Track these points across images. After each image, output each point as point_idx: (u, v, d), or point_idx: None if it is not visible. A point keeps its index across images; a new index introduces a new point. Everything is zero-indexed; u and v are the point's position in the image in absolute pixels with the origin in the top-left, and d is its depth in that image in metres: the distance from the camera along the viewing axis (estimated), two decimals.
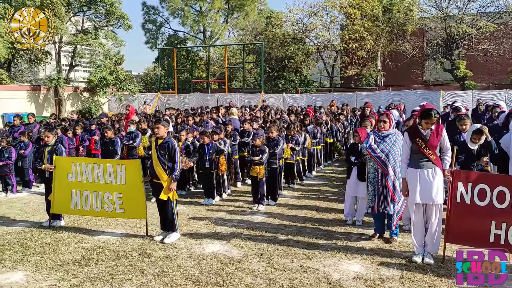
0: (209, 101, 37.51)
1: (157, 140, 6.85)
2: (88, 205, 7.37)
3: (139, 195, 7.05)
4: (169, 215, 6.83)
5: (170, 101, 39.38)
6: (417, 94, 31.77)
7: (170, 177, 6.73)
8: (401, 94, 32.07)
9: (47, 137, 7.73)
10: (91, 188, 7.34)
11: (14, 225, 7.86)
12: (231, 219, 8.06)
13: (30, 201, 9.76)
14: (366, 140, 6.62)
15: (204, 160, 9.14)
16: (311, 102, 32.25)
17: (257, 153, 8.63)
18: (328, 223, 7.71)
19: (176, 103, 38.69)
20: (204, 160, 9.14)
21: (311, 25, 37.97)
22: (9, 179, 10.22)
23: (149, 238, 6.94)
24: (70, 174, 7.46)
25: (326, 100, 32.92)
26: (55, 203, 7.57)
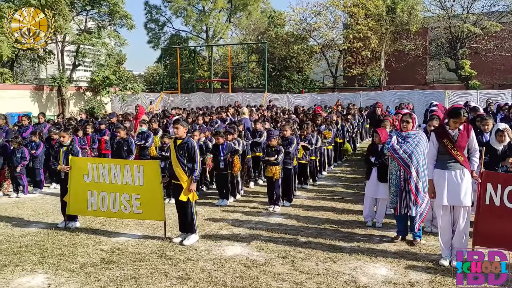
0: (213, 100, 37.44)
1: (176, 141, 6.75)
2: (105, 206, 7.28)
3: (157, 196, 6.96)
4: (188, 216, 6.74)
5: (173, 100, 39.33)
6: (421, 93, 31.72)
7: (189, 177, 6.63)
8: (406, 94, 32.02)
9: (62, 137, 7.63)
10: (108, 189, 7.24)
11: (29, 226, 7.76)
12: (248, 221, 7.96)
13: (42, 202, 9.67)
14: (388, 141, 6.52)
15: (218, 160, 9.04)
16: (315, 102, 32.18)
17: (272, 154, 8.53)
18: (348, 224, 7.61)
19: (179, 102, 38.63)
20: (218, 161, 9.05)
21: (315, 24, 37.82)
22: (21, 180, 10.12)
23: (168, 240, 6.84)
24: (86, 174, 7.37)
25: (330, 99, 32.89)
26: (71, 204, 7.47)
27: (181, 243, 6.69)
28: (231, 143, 9.22)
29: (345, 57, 36.63)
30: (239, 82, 47.75)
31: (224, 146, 9.04)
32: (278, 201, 8.68)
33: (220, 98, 37.47)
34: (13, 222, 8.04)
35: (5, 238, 7.08)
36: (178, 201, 6.76)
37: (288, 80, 41.47)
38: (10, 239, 7.00)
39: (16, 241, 6.89)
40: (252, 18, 46.42)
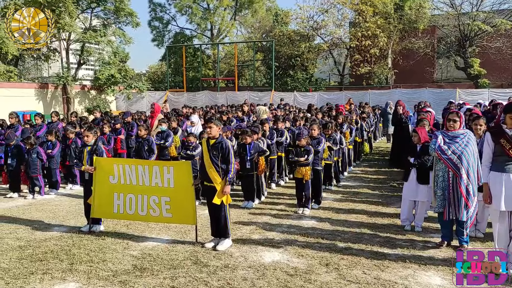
0: (219, 99, 37.12)
1: (209, 140, 6.42)
2: (133, 209, 6.94)
3: (188, 199, 6.62)
4: (221, 220, 6.41)
5: (179, 99, 39.00)
6: (431, 92, 31.35)
7: (224, 179, 6.30)
8: (416, 93, 31.66)
9: (86, 136, 7.30)
10: (136, 191, 6.91)
11: (50, 230, 7.43)
12: (279, 224, 7.63)
13: (60, 203, 9.33)
14: (433, 141, 6.17)
15: (245, 161, 8.70)
16: (323, 100, 31.84)
17: (302, 154, 8.18)
18: (385, 228, 7.28)
19: (185, 101, 38.29)
20: (244, 161, 8.71)
21: (322, 22, 37.45)
22: (37, 180, 9.78)
23: (200, 245, 6.50)
24: (112, 176, 7.03)
25: (338, 98, 32.50)
26: (96, 207, 7.14)
27: (214, 248, 6.36)
28: (258, 142, 8.88)
29: (353, 55, 36.23)
30: (243, 81, 47.42)
31: (251, 146, 8.71)
32: (308, 203, 8.34)
33: (226, 97, 37.13)
34: (33, 225, 7.71)
35: (27, 242, 6.74)
36: (210, 204, 6.43)
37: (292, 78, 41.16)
38: (33, 244, 6.67)
39: (40, 246, 6.56)
40: (258, 16, 46.02)
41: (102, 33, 35.17)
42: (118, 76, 35.53)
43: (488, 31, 33.13)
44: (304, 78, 41.12)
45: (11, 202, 9.43)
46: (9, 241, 6.83)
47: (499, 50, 35.11)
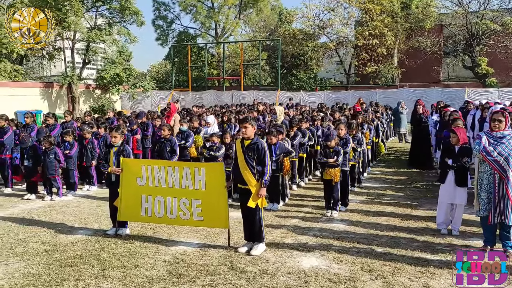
0: (224, 98, 36.94)
1: (243, 141, 6.19)
2: (161, 212, 6.72)
3: (221, 202, 6.40)
4: (256, 224, 6.18)
5: (184, 98, 38.82)
6: (440, 91, 31.18)
7: (259, 182, 6.08)
8: (424, 92, 31.47)
9: (114, 137, 7.07)
10: (165, 193, 6.68)
11: (75, 233, 7.21)
12: (310, 227, 7.41)
13: (80, 205, 9.11)
14: (477, 142, 5.95)
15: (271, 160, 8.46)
16: (329, 100, 31.71)
17: (331, 155, 7.96)
18: (420, 232, 7.06)
19: (191, 100, 38.16)
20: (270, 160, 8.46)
21: (329, 21, 37.21)
22: (55, 181, 9.56)
23: (233, 250, 6.28)
24: (140, 177, 6.81)
25: (345, 97, 32.33)
26: (123, 210, 6.92)
27: (248, 253, 6.15)
28: (284, 143, 8.66)
29: (360, 54, 35.99)
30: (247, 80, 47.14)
31: (277, 146, 8.48)
32: (336, 205, 8.13)
33: (232, 96, 36.94)
34: (56, 228, 7.49)
35: (54, 246, 6.52)
36: (245, 208, 6.20)
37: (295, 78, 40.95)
38: (60, 248, 6.44)
39: (67, 250, 6.34)
40: (262, 14, 45.79)
41: (107, 32, 34.95)
42: (124, 75, 35.31)
43: (496, 30, 32.85)
44: (308, 77, 40.90)
45: (30, 204, 9.21)
46: (34, 245, 6.61)
47: (506, 49, 34.89)
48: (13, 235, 7.09)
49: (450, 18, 37.35)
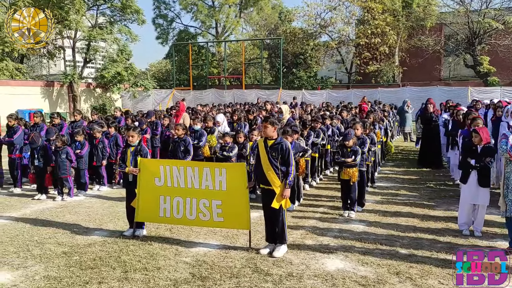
0: (226, 97, 36.86)
1: (266, 141, 6.09)
2: (180, 212, 6.61)
3: (242, 203, 6.29)
4: (279, 225, 6.09)
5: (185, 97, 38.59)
6: (442, 90, 31.16)
7: (283, 182, 5.98)
8: (427, 91, 31.40)
9: (131, 136, 6.96)
10: (184, 194, 6.58)
11: (90, 234, 7.10)
12: (328, 228, 7.32)
13: (92, 206, 8.98)
14: (504, 141, 5.86)
15: None
16: (332, 99, 31.61)
17: (349, 154, 7.87)
18: (442, 233, 6.97)
19: (192, 99, 38.05)
20: None
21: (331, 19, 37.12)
22: (67, 181, 9.44)
23: (254, 251, 6.18)
24: (158, 178, 6.71)
25: (347, 96, 32.30)
26: (140, 211, 6.81)
27: (270, 254, 6.05)
28: (299, 142, 8.56)
29: (362, 53, 35.88)
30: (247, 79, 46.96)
31: (292, 146, 8.35)
32: (354, 206, 8.04)
33: (233, 95, 36.85)
34: (71, 229, 7.37)
35: (71, 248, 6.41)
36: (267, 208, 6.11)
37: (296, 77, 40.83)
38: (78, 250, 6.34)
39: (85, 252, 6.23)
40: (263, 13, 45.66)
41: (108, 30, 34.79)
42: (125, 74, 35.14)
43: (499, 28, 32.80)
44: (308, 76, 40.80)
45: (41, 205, 9.09)
46: (51, 246, 6.50)
47: (508, 48, 34.87)
48: (28, 236, 6.97)
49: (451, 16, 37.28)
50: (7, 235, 7.05)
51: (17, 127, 10.22)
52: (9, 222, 7.79)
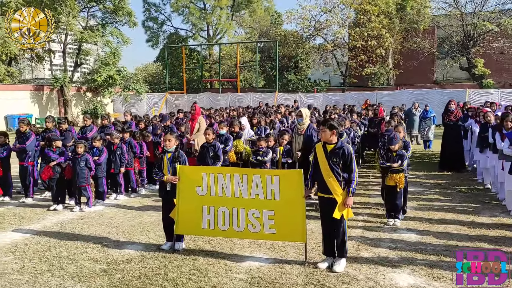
0: (220, 101, 36.37)
1: (325, 146, 5.62)
2: (226, 224, 6.09)
3: (298, 213, 5.81)
4: (339, 237, 5.62)
5: (179, 101, 38.13)
6: (440, 92, 31.04)
7: (346, 190, 5.51)
8: (424, 93, 31.32)
9: (168, 141, 6.42)
10: (230, 203, 6.07)
11: (123, 248, 6.55)
12: (379, 238, 6.87)
13: (115, 216, 8.40)
14: None
15: None
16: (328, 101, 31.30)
17: (394, 159, 7.44)
18: (503, 241, 6.54)
19: (185, 103, 37.43)
20: None
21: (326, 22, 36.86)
22: (85, 191, 8.84)
23: (311, 266, 5.69)
24: (200, 187, 6.19)
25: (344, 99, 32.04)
26: (180, 222, 6.28)
27: (330, 269, 5.57)
28: None
29: (358, 55, 35.66)
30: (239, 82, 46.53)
31: None
32: (399, 213, 7.61)
33: (228, 98, 36.34)
34: (101, 242, 6.81)
35: (109, 265, 5.86)
36: (327, 219, 5.63)
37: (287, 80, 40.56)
38: (117, 267, 5.79)
39: (126, 269, 5.69)
40: (256, 16, 45.27)
41: (100, 33, 34.04)
42: (117, 78, 34.43)
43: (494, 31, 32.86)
44: (298, 79, 40.54)
45: (59, 216, 8.47)
46: (85, 263, 5.94)
47: (501, 51, 35.00)
48: (57, 252, 6.39)
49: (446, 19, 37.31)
50: (33, 251, 6.46)
51: (29, 133, 9.60)
52: (31, 236, 7.19)
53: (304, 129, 9.08)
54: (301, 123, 9.19)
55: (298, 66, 42.86)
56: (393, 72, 37.77)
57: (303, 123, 9.17)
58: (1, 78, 31.20)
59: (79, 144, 8.77)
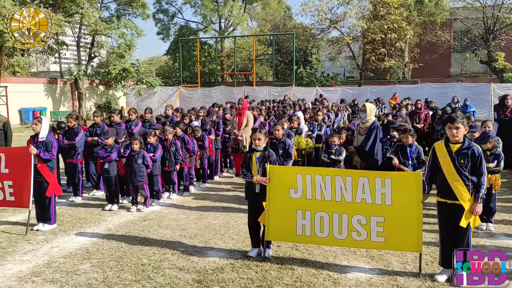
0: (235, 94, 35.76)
1: (448, 145, 5.05)
2: (325, 231, 5.53)
3: (414, 220, 5.24)
4: (463, 247, 5.04)
5: (193, 95, 37.60)
6: (463, 86, 30.43)
7: (474, 196, 4.95)
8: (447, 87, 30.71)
9: (258, 139, 5.85)
10: (330, 208, 5.51)
11: (205, 255, 6.00)
12: (480, 245, 6.30)
13: (178, 218, 7.83)
14: None
15: (407, 165, 7.34)
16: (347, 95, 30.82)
17: (489, 159, 6.87)
18: None
19: (200, 97, 36.92)
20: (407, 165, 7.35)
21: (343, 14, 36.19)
22: (143, 190, 8.28)
23: (429, 278, 5.13)
24: (294, 189, 5.62)
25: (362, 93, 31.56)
26: (272, 228, 5.72)
27: (449, 281, 5.02)
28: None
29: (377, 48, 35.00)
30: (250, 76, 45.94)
31: (413, 149, 7.37)
32: (492, 217, 7.04)
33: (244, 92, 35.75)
34: (177, 248, 6.25)
35: (200, 275, 5.31)
36: (448, 227, 5.09)
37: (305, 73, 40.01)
38: (210, 277, 5.24)
39: (223, 280, 5.15)
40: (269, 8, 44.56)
41: (114, 25, 33.37)
42: (132, 70, 33.78)
43: None
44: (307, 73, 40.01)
45: (119, 217, 7.92)
46: (172, 272, 5.39)
47: None
48: (135, 259, 5.84)
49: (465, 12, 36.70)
50: (109, 257, 5.91)
51: (78, 128, 9.04)
52: (99, 240, 6.64)
53: (367, 128, 7.73)
54: (363, 120, 7.93)
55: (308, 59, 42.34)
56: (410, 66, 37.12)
57: (366, 120, 7.86)
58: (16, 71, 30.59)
59: (134, 140, 8.19)
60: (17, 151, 7.05)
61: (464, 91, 29.35)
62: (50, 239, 6.65)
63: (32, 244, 6.42)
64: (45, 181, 6.97)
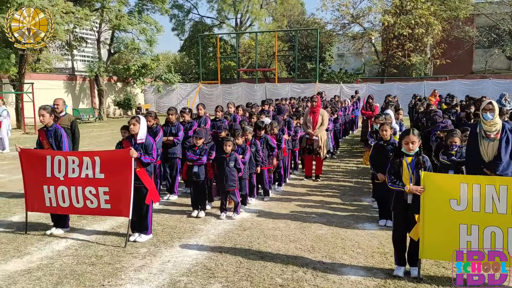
0: (257, 91, 35.15)
1: None
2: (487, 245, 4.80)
3: None
4: None
5: (213, 92, 36.95)
6: (495, 83, 29.74)
7: None
8: (478, 84, 30.02)
9: (412, 143, 5.08)
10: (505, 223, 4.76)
11: (340, 272, 5.30)
12: None
13: (276, 226, 7.08)
14: None
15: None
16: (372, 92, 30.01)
17: None
18: None
19: (220, 94, 36.27)
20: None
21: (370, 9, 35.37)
22: (234, 195, 7.54)
23: None
24: (457, 200, 4.88)
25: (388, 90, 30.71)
26: (427, 245, 4.99)
27: None
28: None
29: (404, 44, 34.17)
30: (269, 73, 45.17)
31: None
32: None
33: (265, 89, 35.09)
34: (303, 263, 5.54)
35: None
36: None
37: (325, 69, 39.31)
38: None
39: None
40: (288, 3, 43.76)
41: (136, 20, 32.52)
42: (153, 66, 32.99)
43: None
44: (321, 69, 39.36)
45: (212, 225, 7.17)
46: None
47: None
48: (267, 278, 5.13)
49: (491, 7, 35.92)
50: (236, 275, 5.19)
51: (157, 128, 8.29)
52: (210, 253, 5.90)
53: (498, 131, 6.01)
54: (489, 122, 6.02)
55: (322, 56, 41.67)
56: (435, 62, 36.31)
57: (494, 122, 6.02)
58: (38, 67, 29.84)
59: (227, 141, 7.45)
60: (115, 154, 6.30)
61: (497, 87, 28.68)
62: (155, 252, 5.92)
63: (139, 259, 5.70)
64: (144, 187, 6.25)
